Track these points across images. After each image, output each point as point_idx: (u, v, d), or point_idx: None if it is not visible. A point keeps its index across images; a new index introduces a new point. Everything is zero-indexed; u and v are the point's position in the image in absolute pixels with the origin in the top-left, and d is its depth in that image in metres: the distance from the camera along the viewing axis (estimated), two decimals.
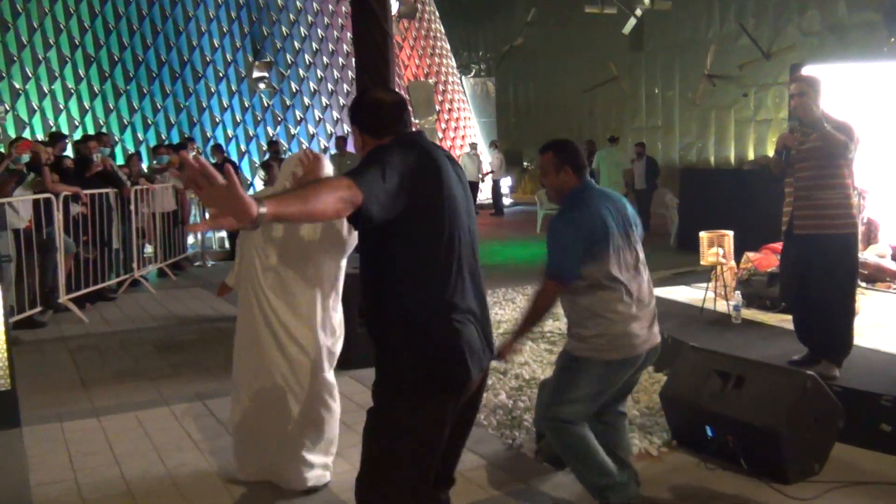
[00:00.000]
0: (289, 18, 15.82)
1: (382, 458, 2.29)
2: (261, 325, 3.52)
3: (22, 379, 4.92)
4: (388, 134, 2.34)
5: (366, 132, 2.38)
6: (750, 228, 7.60)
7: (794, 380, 3.70)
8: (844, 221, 4.30)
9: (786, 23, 16.72)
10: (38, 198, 7.26)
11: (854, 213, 4.35)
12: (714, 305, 6.04)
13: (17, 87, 13.54)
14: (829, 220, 4.31)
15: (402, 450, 2.26)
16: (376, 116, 2.36)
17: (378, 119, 2.36)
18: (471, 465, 3.88)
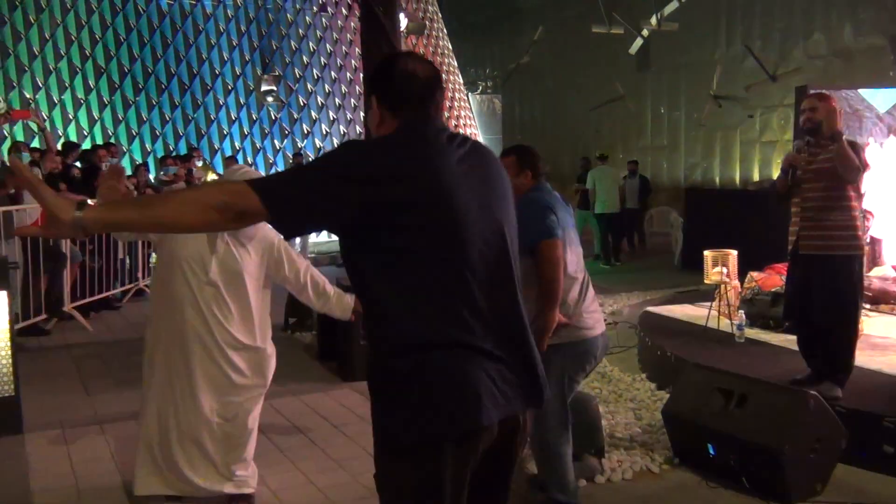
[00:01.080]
0: (298, 33, 15.94)
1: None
2: (191, 339, 3.35)
3: (26, 385, 4.94)
4: (410, 113, 1.89)
5: (385, 106, 1.92)
6: (754, 248, 7.60)
7: (796, 399, 3.70)
8: (850, 243, 4.30)
9: (792, 46, 16.80)
10: None
11: (860, 235, 4.36)
12: (717, 324, 6.04)
13: (27, 97, 13.65)
14: (835, 241, 4.31)
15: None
16: (403, 90, 1.90)
17: (404, 93, 1.90)
18: None
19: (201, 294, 3.30)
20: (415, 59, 1.95)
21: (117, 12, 14.53)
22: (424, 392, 1.74)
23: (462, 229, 1.79)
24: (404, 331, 1.76)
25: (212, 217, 1.64)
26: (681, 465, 4.07)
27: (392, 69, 1.92)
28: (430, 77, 1.93)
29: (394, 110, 1.90)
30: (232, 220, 1.68)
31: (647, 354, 6.04)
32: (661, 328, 6.35)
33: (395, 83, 1.91)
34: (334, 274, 9.86)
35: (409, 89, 1.90)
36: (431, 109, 1.92)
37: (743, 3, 17.99)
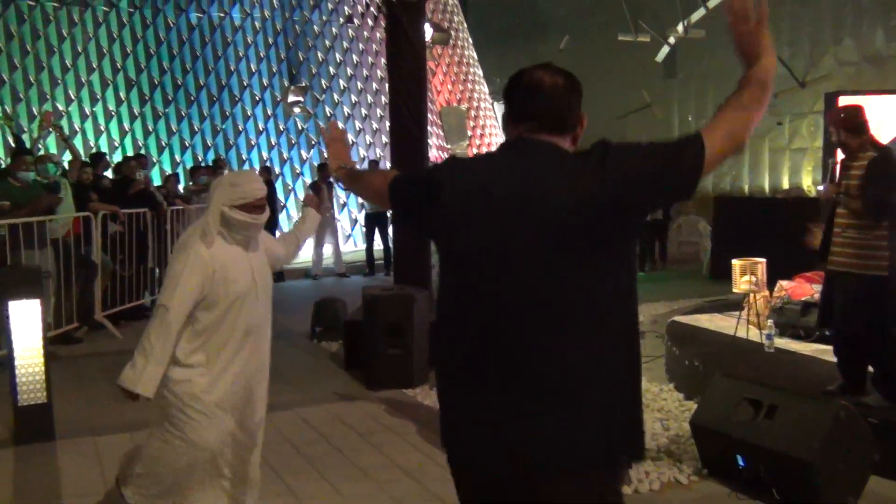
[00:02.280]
0: (324, 44, 16.08)
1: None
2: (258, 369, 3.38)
3: (57, 393, 5.01)
4: (525, 126, 1.85)
5: (509, 116, 1.92)
6: (783, 257, 7.50)
7: (827, 409, 3.64)
8: (876, 263, 4.27)
9: (821, 52, 16.62)
10: (79, 216, 7.44)
11: (887, 256, 4.30)
12: (746, 334, 5.97)
13: (60, 109, 13.90)
14: (860, 261, 4.31)
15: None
16: (523, 102, 1.87)
17: (523, 105, 1.87)
18: None
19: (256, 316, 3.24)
20: (545, 71, 1.89)
21: (147, 26, 14.77)
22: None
23: (490, 267, 1.74)
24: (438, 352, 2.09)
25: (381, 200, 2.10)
26: (709, 476, 4.02)
27: (518, 80, 1.91)
28: (554, 88, 1.85)
29: (514, 122, 1.89)
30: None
31: (674, 364, 5.99)
32: (689, 338, 6.30)
33: (518, 94, 1.89)
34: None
35: (529, 101, 1.86)
36: (546, 121, 1.84)
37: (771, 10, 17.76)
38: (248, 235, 3.16)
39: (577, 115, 1.89)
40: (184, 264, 3.00)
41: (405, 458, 4.34)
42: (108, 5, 14.56)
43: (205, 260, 3.01)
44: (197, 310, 3.06)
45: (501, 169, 1.82)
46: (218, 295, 3.04)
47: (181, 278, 2.98)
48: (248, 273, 3.15)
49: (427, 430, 4.81)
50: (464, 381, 1.82)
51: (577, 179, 1.71)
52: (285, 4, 15.89)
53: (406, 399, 5.53)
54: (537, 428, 1.69)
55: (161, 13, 14.89)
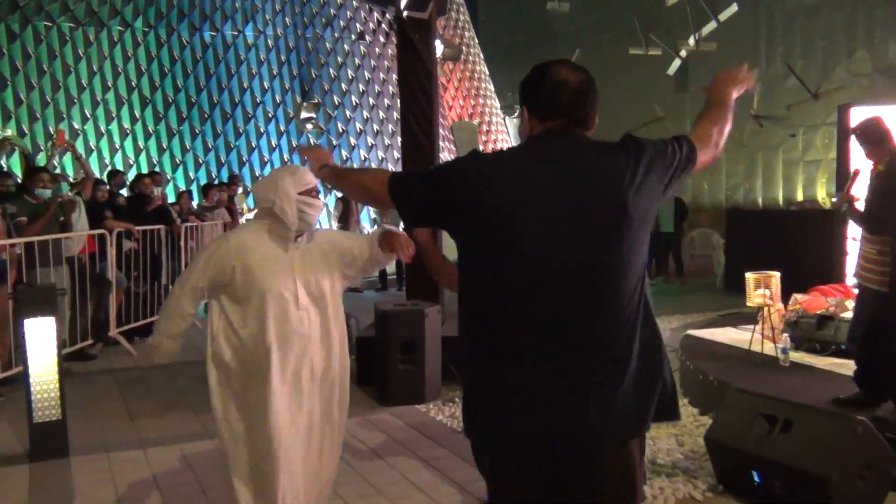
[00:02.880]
0: (336, 61, 16.20)
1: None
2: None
3: (72, 409, 5.03)
4: (555, 123, 1.91)
5: (534, 115, 1.94)
6: (798, 270, 7.47)
7: (844, 424, 3.60)
8: (880, 278, 4.30)
9: (834, 64, 16.58)
10: (94, 233, 7.50)
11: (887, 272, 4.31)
12: (761, 348, 5.92)
13: (76, 128, 14.06)
14: (868, 274, 4.40)
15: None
16: (552, 99, 1.90)
17: (552, 102, 1.90)
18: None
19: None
20: (567, 67, 1.94)
21: (162, 45, 14.94)
22: (472, 408, 2.00)
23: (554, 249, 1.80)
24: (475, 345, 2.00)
25: (369, 200, 2.18)
26: (725, 492, 3.98)
27: (542, 77, 1.93)
28: (581, 84, 1.91)
29: (542, 120, 1.92)
30: (380, 205, 2.05)
31: (688, 379, 5.94)
32: (702, 352, 6.25)
33: (545, 92, 1.92)
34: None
35: (558, 98, 1.90)
36: (580, 118, 1.92)
37: (783, 22, 17.84)
38: (306, 223, 3.01)
39: (595, 114, 1.97)
40: (202, 253, 3.06)
41: (418, 475, 4.32)
42: (123, 25, 14.74)
43: (224, 253, 2.97)
44: (223, 298, 3.03)
45: (554, 164, 1.84)
46: (246, 290, 2.97)
47: (193, 264, 3.05)
48: (287, 275, 2.98)
49: (440, 446, 4.79)
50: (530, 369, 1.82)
51: (627, 171, 1.84)
52: (298, 22, 16.04)
53: (419, 415, 5.51)
54: (607, 402, 1.83)
55: (175, 32, 15.07)
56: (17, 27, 13.96)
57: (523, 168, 1.84)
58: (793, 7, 17.62)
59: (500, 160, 1.89)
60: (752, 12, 17.02)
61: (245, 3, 15.72)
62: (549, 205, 1.79)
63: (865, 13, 16.06)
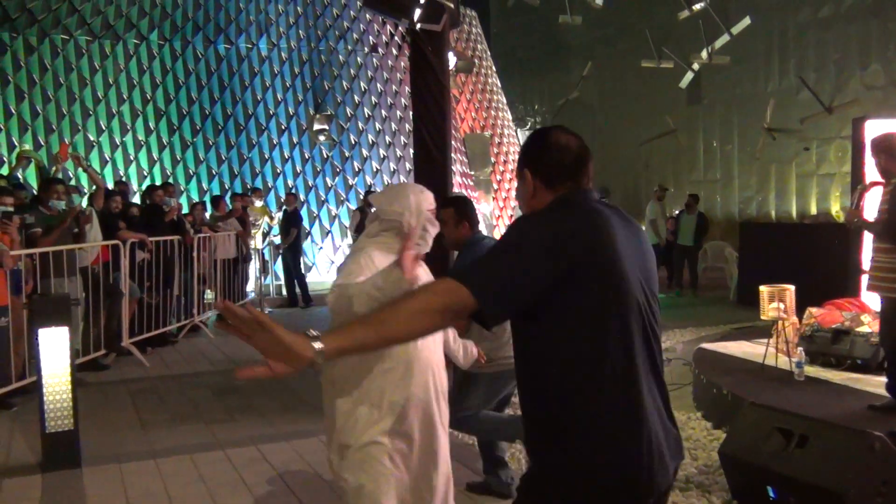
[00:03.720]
0: (349, 73, 16.28)
1: None
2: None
3: (84, 420, 5.05)
4: (564, 186, 1.94)
5: (540, 179, 1.95)
6: (812, 284, 7.41)
7: (860, 440, 3.55)
8: (889, 286, 4.45)
9: (848, 77, 16.52)
10: (107, 244, 7.54)
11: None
12: (776, 362, 5.87)
13: (91, 140, 14.18)
14: (878, 283, 4.56)
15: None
16: (559, 163, 1.93)
17: (560, 166, 1.93)
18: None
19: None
20: (566, 133, 1.99)
21: (177, 58, 15.06)
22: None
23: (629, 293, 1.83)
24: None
25: (437, 322, 1.70)
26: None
27: (546, 141, 1.96)
28: (582, 149, 1.97)
29: (550, 183, 1.94)
30: (451, 320, 1.72)
31: (702, 392, 5.90)
32: (716, 365, 6.21)
33: (551, 156, 1.94)
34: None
35: (564, 162, 1.94)
36: (585, 181, 1.96)
37: (796, 36, 17.81)
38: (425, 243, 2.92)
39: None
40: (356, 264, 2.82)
41: None
42: (138, 38, 14.88)
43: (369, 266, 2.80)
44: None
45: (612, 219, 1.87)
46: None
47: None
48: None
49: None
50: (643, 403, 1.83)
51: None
52: (311, 35, 16.14)
53: None
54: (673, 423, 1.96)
55: (190, 45, 15.19)
56: (35, 40, 14.11)
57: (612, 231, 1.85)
58: (806, 20, 17.59)
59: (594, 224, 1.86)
60: (765, 25, 17.00)
61: (259, 16, 15.84)
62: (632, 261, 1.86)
63: (879, 26, 16.01)
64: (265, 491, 4.29)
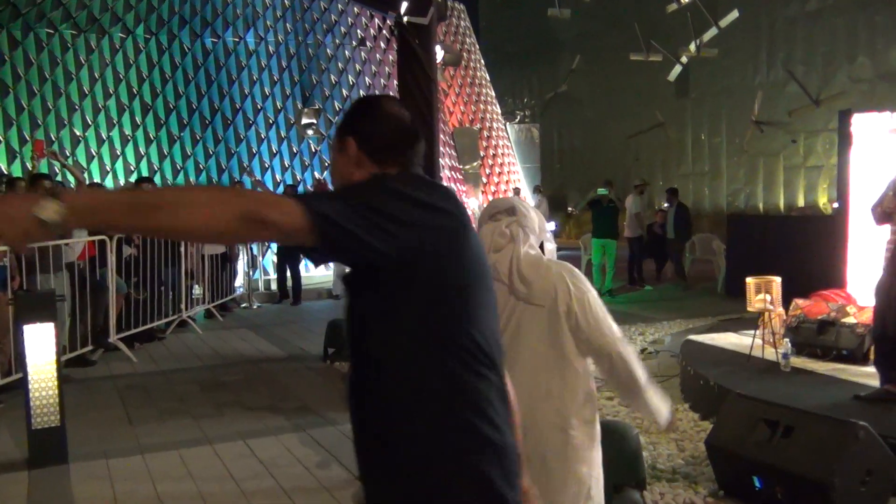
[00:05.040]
0: (337, 67, 16.23)
1: None
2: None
3: (71, 416, 5.02)
4: (395, 163, 1.70)
5: (366, 150, 1.70)
6: (799, 275, 7.45)
7: (845, 430, 3.58)
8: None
9: (835, 70, 16.60)
10: (93, 239, 7.49)
11: None
12: (762, 353, 5.90)
13: (77, 135, 14.09)
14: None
15: None
16: (390, 135, 1.71)
17: (391, 139, 1.71)
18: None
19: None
20: (398, 103, 1.80)
21: (163, 51, 14.97)
22: None
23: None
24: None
25: (237, 227, 1.33)
26: (726, 497, 3.96)
27: (378, 110, 1.74)
28: (414, 125, 1.77)
29: (377, 156, 1.70)
30: (253, 234, 1.38)
31: (689, 384, 5.93)
32: (703, 357, 6.23)
33: (382, 127, 1.72)
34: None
35: (396, 135, 1.72)
36: (417, 158, 1.75)
37: (783, 28, 17.87)
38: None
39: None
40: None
41: None
42: (124, 32, 14.78)
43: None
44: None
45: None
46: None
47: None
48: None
49: None
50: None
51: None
52: (298, 28, 16.08)
53: None
54: None
55: (177, 39, 15.11)
56: (20, 34, 14.00)
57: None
58: (794, 13, 17.65)
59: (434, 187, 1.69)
60: (753, 18, 17.05)
61: (246, 10, 15.76)
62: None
63: (866, 19, 16.09)
64: (253, 485, 4.28)
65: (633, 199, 12.94)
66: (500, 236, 2.61)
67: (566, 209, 22.84)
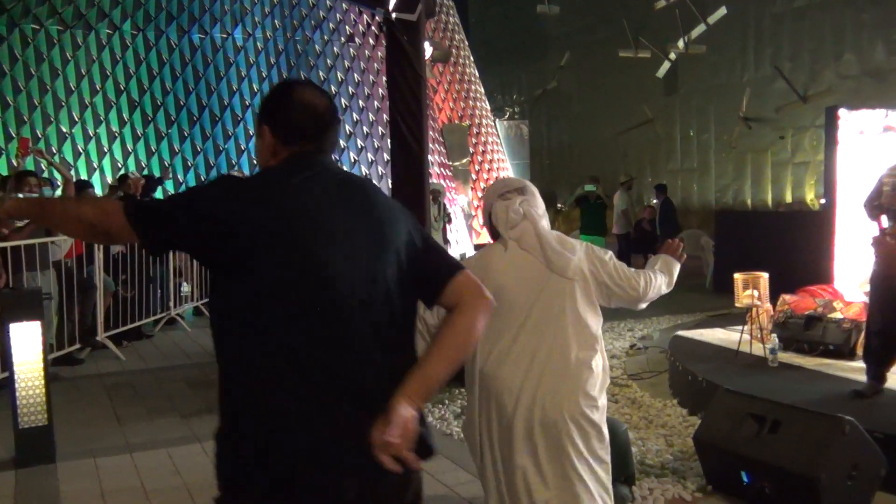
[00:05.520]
0: (326, 63, 16.18)
1: None
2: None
3: (59, 415, 5.00)
4: (302, 146, 1.80)
5: (278, 134, 1.81)
6: (787, 271, 7.49)
7: (832, 425, 3.61)
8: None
9: (822, 66, 16.67)
10: None
11: None
12: (750, 348, 5.93)
13: (64, 131, 13.99)
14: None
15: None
16: (298, 121, 1.80)
17: (299, 125, 1.80)
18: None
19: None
20: (312, 90, 1.85)
21: (150, 47, 14.87)
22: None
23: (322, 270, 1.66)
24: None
25: (77, 228, 1.78)
26: (714, 492, 3.98)
27: (288, 97, 1.83)
28: (327, 110, 1.83)
29: (288, 142, 1.80)
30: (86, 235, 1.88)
31: (678, 379, 5.95)
32: (692, 352, 6.26)
33: (290, 114, 1.80)
34: None
35: (304, 122, 1.80)
36: (326, 144, 1.83)
37: (771, 25, 17.93)
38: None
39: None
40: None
41: None
42: (111, 28, 14.68)
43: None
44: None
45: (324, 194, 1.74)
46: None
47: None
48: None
49: None
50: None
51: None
52: (287, 25, 16.01)
53: None
54: None
55: (164, 35, 15.01)
56: (4, 30, 13.87)
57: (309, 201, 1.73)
58: (781, 10, 17.72)
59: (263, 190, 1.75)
60: (740, 15, 17.10)
61: (234, 6, 15.67)
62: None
63: (853, 16, 16.16)
64: None
65: (620, 195, 12.97)
66: (515, 213, 2.79)
67: (555, 205, 22.87)
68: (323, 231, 1.67)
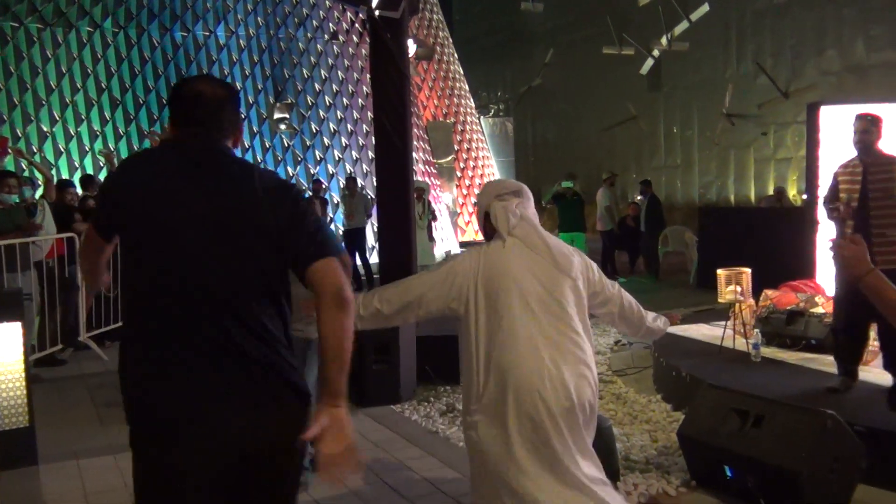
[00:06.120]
0: (310, 61, 16.11)
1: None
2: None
3: (41, 416, 4.95)
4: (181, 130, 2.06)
5: (173, 124, 2.09)
6: (770, 266, 7.54)
7: (814, 419, 3.64)
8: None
9: (804, 62, 16.80)
10: (62, 237, 7.39)
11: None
12: (733, 343, 5.97)
13: (44, 130, 13.86)
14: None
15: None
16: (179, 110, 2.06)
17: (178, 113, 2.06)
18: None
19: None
20: (205, 82, 2.10)
21: (132, 46, 14.76)
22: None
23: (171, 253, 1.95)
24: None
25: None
26: (698, 487, 4.01)
27: (177, 90, 2.09)
28: (215, 98, 2.04)
29: (177, 129, 2.06)
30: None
31: (662, 375, 5.98)
32: (676, 348, 6.29)
33: (175, 104, 2.07)
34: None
35: (183, 110, 2.04)
36: (214, 130, 2.04)
37: (753, 22, 18.05)
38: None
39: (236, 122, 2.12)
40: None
41: (392, 475, 4.31)
42: (92, 26, 14.55)
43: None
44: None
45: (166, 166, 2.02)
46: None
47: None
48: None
49: (414, 446, 4.78)
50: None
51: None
52: (270, 22, 15.93)
53: (393, 415, 5.50)
54: None
55: (146, 33, 14.90)
56: None
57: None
58: (763, 6, 17.84)
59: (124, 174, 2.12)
60: (723, 12, 17.20)
61: (216, 4, 15.57)
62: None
63: (834, 12, 16.29)
64: None
65: (603, 192, 13.00)
66: (513, 215, 2.90)
67: (540, 202, 22.91)
68: (163, 197, 1.94)
